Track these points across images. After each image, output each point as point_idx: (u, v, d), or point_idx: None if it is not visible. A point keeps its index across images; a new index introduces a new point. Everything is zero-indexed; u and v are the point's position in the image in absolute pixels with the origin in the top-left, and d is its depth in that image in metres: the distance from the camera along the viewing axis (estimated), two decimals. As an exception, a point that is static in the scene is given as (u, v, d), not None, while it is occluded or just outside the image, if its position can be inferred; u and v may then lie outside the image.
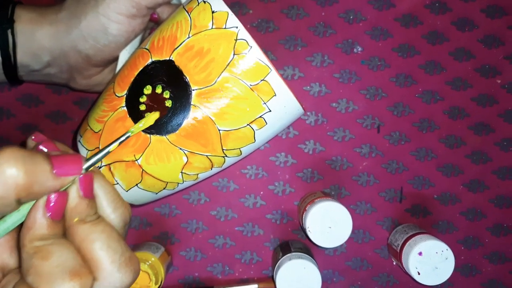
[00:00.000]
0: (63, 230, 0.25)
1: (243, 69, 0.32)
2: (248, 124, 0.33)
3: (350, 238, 0.45)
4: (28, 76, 0.41)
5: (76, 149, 0.39)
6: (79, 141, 0.37)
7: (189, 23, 0.33)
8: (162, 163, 0.34)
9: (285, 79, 0.50)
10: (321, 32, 0.50)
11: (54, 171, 0.23)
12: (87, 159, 0.26)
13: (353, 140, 0.50)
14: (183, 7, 0.35)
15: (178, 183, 0.35)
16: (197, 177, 0.36)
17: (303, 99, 0.50)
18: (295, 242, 0.50)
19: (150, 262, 0.44)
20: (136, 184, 0.35)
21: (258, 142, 0.35)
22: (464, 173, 0.51)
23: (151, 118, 0.32)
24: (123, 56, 0.40)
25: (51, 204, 0.24)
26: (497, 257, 0.51)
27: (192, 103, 0.32)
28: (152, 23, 0.41)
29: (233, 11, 0.32)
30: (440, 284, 0.44)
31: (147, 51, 0.34)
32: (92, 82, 0.42)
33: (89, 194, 0.25)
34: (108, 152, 0.28)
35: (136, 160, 0.34)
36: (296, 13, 0.50)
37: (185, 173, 0.35)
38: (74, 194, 0.24)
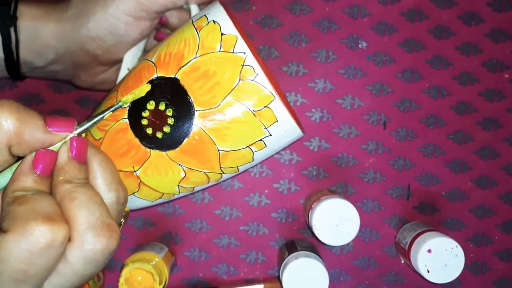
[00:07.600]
0: (48, 188, 0.25)
1: (247, 94, 0.32)
2: (247, 146, 0.34)
3: (357, 237, 0.44)
4: (31, 72, 0.40)
5: None
6: None
7: (197, 43, 0.33)
8: (159, 176, 0.34)
9: (288, 102, 0.49)
10: (325, 28, 0.49)
11: (46, 126, 0.25)
12: (80, 125, 0.27)
13: (359, 136, 0.50)
14: (192, 23, 0.34)
15: (174, 194, 0.36)
16: (193, 190, 0.36)
17: (307, 96, 0.49)
18: (301, 241, 0.49)
19: (154, 262, 0.44)
20: (133, 193, 0.35)
21: (256, 161, 0.36)
22: (473, 169, 0.50)
23: (143, 89, 0.32)
24: (128, 58, 0.40)
25: (39, 159, 0.24)
26: (508, 254, 0.50)
27: (194, 123, 0.32)
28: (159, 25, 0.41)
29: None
30: (450, 282, 0.43)
31: (153, 64, 0.34)
32: (96, 80, 0.42)
33: (80, 158, 0.25)
34: (101, 119, 0.29)
35: (135, 171, 0.34)
36: (299, 8, 0.49)
37: (181, 186, 0.35)
38: (64, 154, 0.25)
